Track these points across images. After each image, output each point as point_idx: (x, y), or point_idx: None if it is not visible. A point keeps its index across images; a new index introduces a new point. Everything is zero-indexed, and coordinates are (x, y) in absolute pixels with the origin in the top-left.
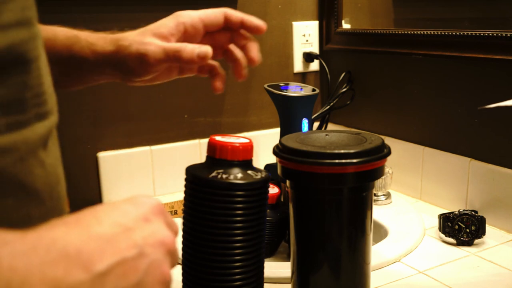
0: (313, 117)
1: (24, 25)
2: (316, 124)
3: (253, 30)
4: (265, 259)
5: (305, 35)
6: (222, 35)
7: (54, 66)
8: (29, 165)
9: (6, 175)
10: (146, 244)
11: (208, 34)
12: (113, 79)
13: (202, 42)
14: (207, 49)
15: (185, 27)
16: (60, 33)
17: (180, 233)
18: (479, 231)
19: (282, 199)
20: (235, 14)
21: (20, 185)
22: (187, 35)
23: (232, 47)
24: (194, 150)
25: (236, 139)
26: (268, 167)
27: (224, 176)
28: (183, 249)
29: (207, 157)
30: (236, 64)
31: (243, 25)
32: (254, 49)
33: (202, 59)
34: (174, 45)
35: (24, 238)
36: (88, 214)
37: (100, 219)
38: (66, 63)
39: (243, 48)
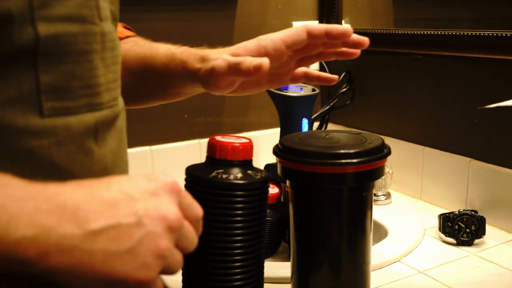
0: (313, 117)
1: (75, 20)
2: (316, 124)
3: (341, 37)
4: (265, 259)
5: None
6: (310, 47)
7: (152, 81)
8: (68, 150)
9: (38, 155)
10: (146, 215)
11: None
12: (199, 91)
13: (290, 58)
14: (261, 61)
15: (266, 51)
16: (161, 51)
17: None
18: (479, 231)
19: (282, 199)
20: (318, 28)
21: (54, 167)
22: (270, 58)
23: (303, 71)
24: (194, 150)
25: (236, 139)
26: (268, 167)
27: (224, 176)
28: None
29: (207, 157)
30: (320, 78)
31: (328, 35)
32: (346, 51)
33: (257, 71)
34: (236, 58)
35: (28, 186)
36: (103, 180)
37: (110, 185)
38: (162, 78)
39: (337, 54)
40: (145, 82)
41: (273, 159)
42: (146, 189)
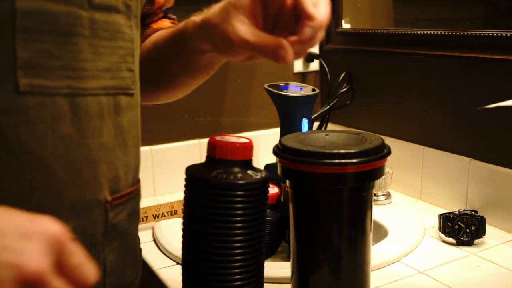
0: (313, 117)
1: (59, 0)
2: (316, 124)
3: (303, 16)
4: (265, 259)
5: None
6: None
7: (173, 49)
8: (38, 132)
9: (4, 133)
10: None
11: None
12: (218, 60)
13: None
14: (286, 54)
15: None
16: (183, 22)
17: (180, 233)
18: (479, 231)
19: (282, 199)
20: None
21: (21, 148)
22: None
23: None
24: (194, 150)
25: (236, 139)
26: (268, 167)
27: (224, 176)
28: (183, 249)
29: (207, 157)
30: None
31: (297, 3)
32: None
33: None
34: (259, 41)
35: None
36: None
37: None
38: (181, 43)
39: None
40: (167, 52)
41: (273, 159)
42: (20, 228)
